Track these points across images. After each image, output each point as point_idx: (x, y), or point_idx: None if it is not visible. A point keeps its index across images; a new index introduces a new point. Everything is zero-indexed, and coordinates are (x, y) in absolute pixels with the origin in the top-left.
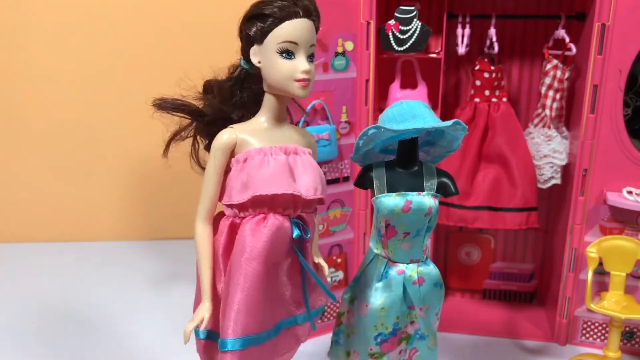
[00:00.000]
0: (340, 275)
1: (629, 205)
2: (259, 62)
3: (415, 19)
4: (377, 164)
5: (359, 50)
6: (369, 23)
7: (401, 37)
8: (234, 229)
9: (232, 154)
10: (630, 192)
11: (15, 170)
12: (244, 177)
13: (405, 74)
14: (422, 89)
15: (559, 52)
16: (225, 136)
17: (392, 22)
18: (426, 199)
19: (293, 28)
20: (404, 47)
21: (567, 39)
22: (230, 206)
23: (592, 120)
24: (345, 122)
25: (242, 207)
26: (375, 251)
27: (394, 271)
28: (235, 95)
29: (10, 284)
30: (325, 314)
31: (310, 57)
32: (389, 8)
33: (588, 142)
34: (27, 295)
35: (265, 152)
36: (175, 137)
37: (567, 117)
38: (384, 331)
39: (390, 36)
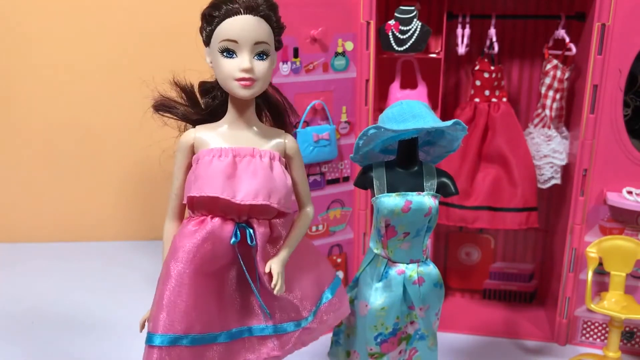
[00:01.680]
0: (340, 275)
1: (629, 205)
2: (211, 63)
3: (415, 19)
4: (377, 164)
5: (359, 50)
6: (369, 23)
7: (401, 37)
8: None
9: (194, 154)
10: (630, 192)
11: (15, 170)
12: (192, 178)
13: (405, 74)
14: (422, 89)
15: (559, 52)
16: (184, 136)
17: (392, 22)
18: (426, 199)
19: (232, 26)
20: (404, 47)
21: (567, 39)
22: (186, 205)
23: (592, 120)
24: (345, 122)
25: (190, 207)
26: (375, 251)
27: (394, 271)
28: (206, 96)
29: (10, 284)
30: None
31: (260, 55)
32: (389, 8)
33: (588, 142)
34: (27, 295)
35: (214, 153)
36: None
37: (567, 117)
38: (384, 331)
39: (390, 36)
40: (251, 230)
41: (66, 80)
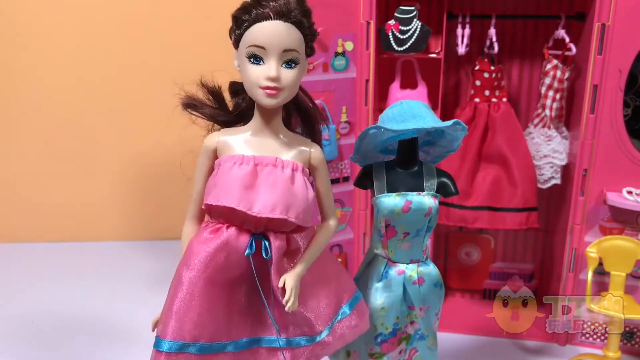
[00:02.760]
0: None
1: (629, 205)
2: (238, 67)
3: (415, 19)
4: (377, 164)
5: (359, 50)
6: (369, 23)
7: (401, 37)
8: None
9: (217, 157)
10: (630, 192)
11: (15, 170)
12: (212, 184)
13: (405, 74)
14: (422, 89)
15: (559, 52)
16: (208, 139)
17: (392, 22)
18: (426, 199)
19: (260, 31)
20: (404, 47)
21: (567, 39)
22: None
23: (592, 120)
24: (345, 122)
25: (208, 213)
26: (375, 251)
27: (394, 271)
28: (236, 97)
29: (10, 284)
30: None
31: (289, 63)
32: (389, 8)
33: (588, 142)
34: (27, 295)
35: (236, 160)
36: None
37: (567, 117)
38: (384, 331)
39: (390, 36)
40: (267, 243)
41: (68, 79)
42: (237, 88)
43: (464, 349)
